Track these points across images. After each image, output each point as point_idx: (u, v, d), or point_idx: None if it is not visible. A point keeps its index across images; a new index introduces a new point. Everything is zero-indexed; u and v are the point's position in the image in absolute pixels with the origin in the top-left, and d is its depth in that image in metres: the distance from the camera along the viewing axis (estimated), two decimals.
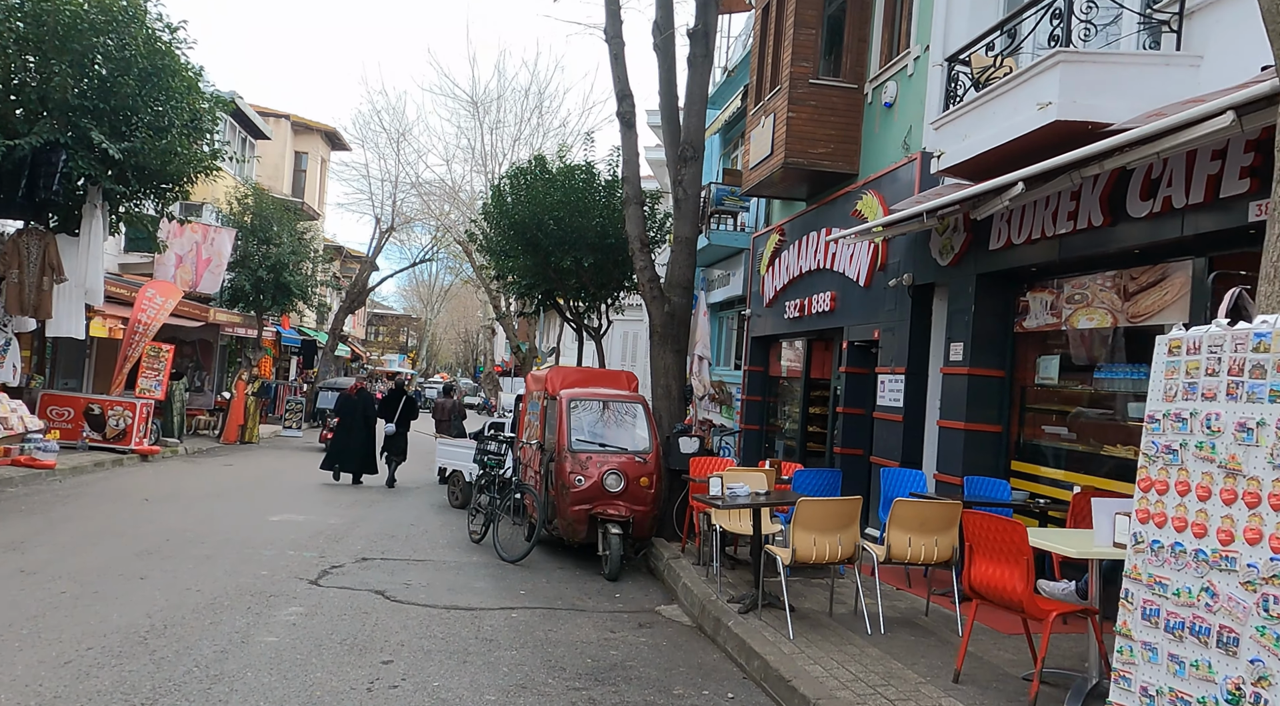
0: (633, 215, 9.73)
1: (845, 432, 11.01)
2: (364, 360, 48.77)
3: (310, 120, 30.98)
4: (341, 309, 30.58)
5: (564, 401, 9.09)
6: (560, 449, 8.82)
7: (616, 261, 14.17)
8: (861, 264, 10.62)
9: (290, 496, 12.96)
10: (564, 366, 10.45)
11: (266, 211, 21.60)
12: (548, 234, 13.90)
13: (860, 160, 11.44)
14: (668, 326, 9.59)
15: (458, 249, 31.62)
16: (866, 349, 10.89)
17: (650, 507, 8.69)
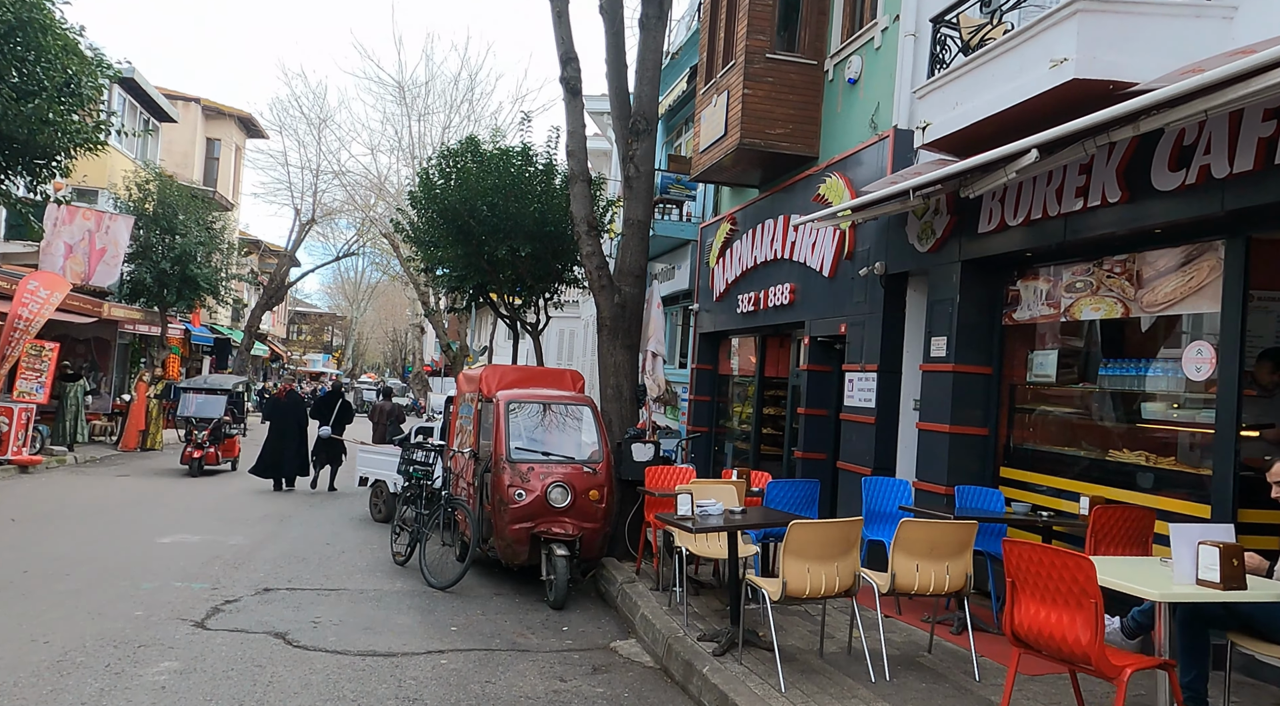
0: (579, 194, 8.61)
1: (807, 435, 10.10)
2: (284, 360, 46.30)
3: (223, 105, 28.85)
4: (258, 305, 28.59)
5: (501, 404, 7.92)
6: (497, 458, 7.65)
7: (556, 251, 13.01)
8: (826, 253, 9.73)
9: (189, 512, 11.41)
10: (501, 364, 9.27)
11: (171, 199, 19.68)
12: (481, 221, 12.65)
13: (820, 142, 10.57)
14: (618, 319, 8.50)
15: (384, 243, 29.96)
16: (830, 345, 10.00)
17: (601, 524, 7.59)
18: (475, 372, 9.22)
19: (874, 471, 8.49)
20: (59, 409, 17.34)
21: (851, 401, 9.02)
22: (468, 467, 8.56)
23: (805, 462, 10.07)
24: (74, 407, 17.25)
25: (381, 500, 11.60)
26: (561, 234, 12.78)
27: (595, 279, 8.51)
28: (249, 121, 29.82)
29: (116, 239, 18.02)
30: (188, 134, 27.97)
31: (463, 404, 9.41)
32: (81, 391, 17.18)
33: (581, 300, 23.76)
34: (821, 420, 10.09)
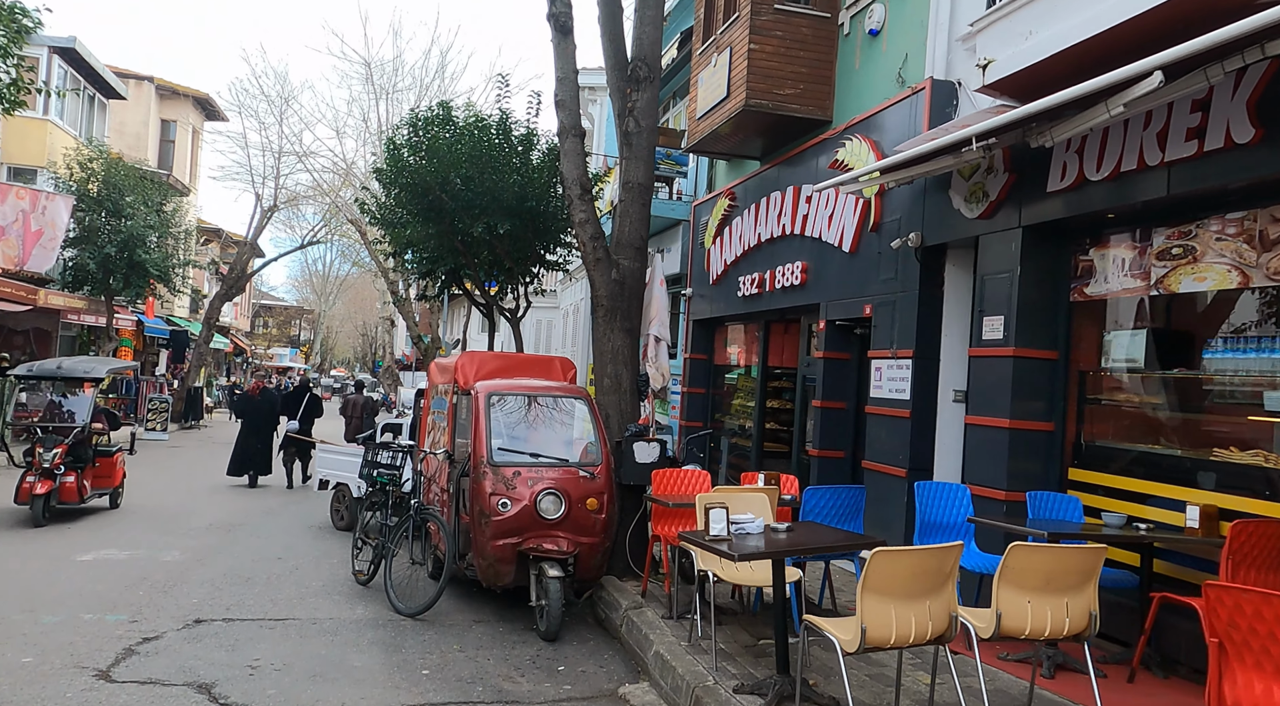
0: (570, 150, 7.32)
1: (823, 431, 8.93)
2: (248, 354, 44.38)
3: (179, 85, 27.05)
4: (218, 296, 26.86)
5: (481, 397, 6.64)
6: (477, 461, 6.38)
7: (537, 229, 11.72)
8: (846, 226, 8.56)
9: (122, 521, 9.98)
10: (479, 351, 7.98)
11: (116, 179, 18.04)
12: (454, 195, 11.32)
13: (834, 104, 9.40)
14: (616, 298, 7.25)
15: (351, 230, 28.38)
16: (850, 329, 8.85)
17: (600, 539, 6.36)
18: (449, 361, 7.93)
19: (909, 472, 7.35)
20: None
21: (880, 392, 7.87)
22: (441, 471, 7.28)
23: (821, 462, 8.91)
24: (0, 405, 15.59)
25: (344, 506, 10.26)
26: (544, 210, 11.49)
27: (590, 251, 7.24)
28: (207, 102, 28.04)
29: (54, 220, 16.39)
30: (140, 115, 26.16)
31: (435, 397, 8.12)
32: (10, 386, 15.52)
33: (560, 288, 22.46)
34: (839, 414, 8.94)
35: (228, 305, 33.60)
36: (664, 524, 6.39)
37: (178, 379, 26.59)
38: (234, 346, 38.40)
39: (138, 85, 25.85)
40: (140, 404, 23.02)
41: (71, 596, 6.58)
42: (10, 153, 18.10)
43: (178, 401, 25.07)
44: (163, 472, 14.97)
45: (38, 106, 18.44)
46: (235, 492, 12.89)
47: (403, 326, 52.23)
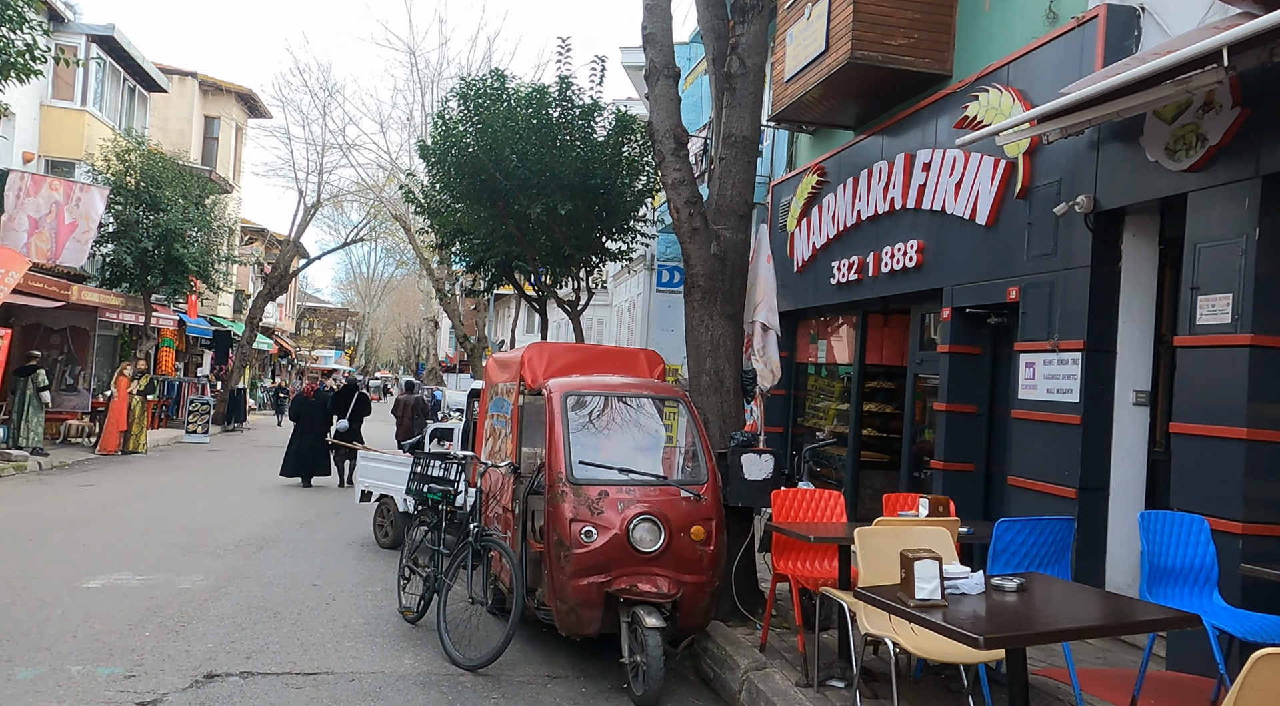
0: (663, 95, 5.98)
1: (949, 439, 7.46)
2: (293, 355, 43.88)
3: (222, 80, 26.33)
4: (261, 295, 26.08)
5: (556, 398, 5.31)
6: (554, 478, 5.06)
7: (603, 209, 10.40)
8: (980, 194, 7.09)
9: (144, 535, 8.86)
10: (550, 342, 6.63)
11: (154, 171, 17.15)
12: (509, 174, 10.05)
13: (955, 54, 7.94)
14: (716, 277, 5.89)
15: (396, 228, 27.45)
16: (984, 317, 7.37)
17: (708, 577, 4.99)
18: (512, 356, 6.63)
19: (1081, 493, 5.86)
20: (18, 408, 14.85)
21: (1033, 393, 6.38)
22: (504, 487, 5.97)
23: (946, 476, 7.43)
24: (32, 405, 14.73)
25: (388, 521, 9.03)
26: (610, 187, 10.18)
27: (685, 219, 5.88)
28: (250, 98, 27.29)
29: (88, 213, 15.50)
30: (183, 111, 25.48)
31: (494, 398, 6.82)
32: (37, 386, 14.68)
33: (613, 283, 21.14)
34: (968, 419, 7.46)
35: (272, 306, 32.94)
36: (791, 559, 5.01)
37: (221, 380, 25.85)
38: (278, 348, 37.81)
39: (181, 81, 25.15)
40: (181, 405, 22.25)
41: (63, 638, 5.39)
42: (48, 145, 17.34)
43: (220, 403, 24.30)
44: (197, 478, 13.96)
45: (75, 96, 17.67)
46: (271, 501, 11.78)
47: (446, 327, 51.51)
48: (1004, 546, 4.13)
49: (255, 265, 32.29)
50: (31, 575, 6.97)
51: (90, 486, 12.41)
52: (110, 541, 8.48)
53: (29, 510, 10.06)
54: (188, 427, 20.86)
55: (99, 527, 9.17)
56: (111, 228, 17.22)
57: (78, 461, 15.20)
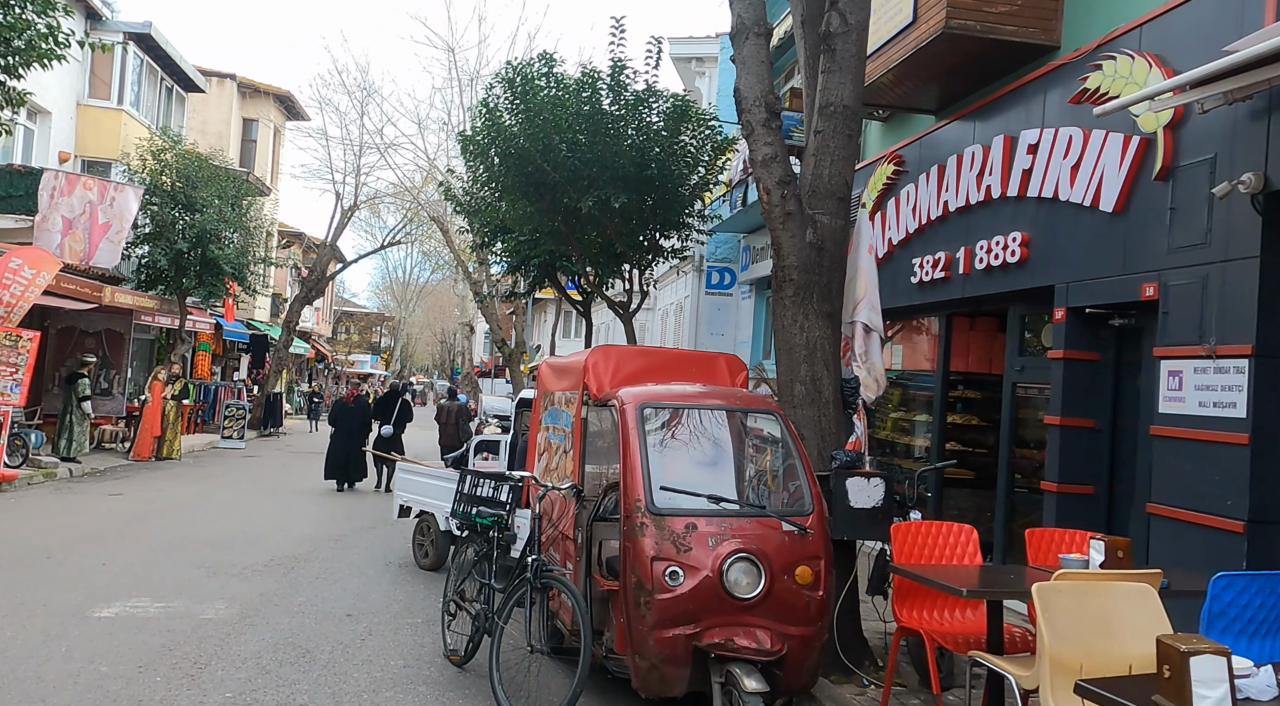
0: (752, 57, 5.14)
1: (1064, 458, 6.50)
2: (329, 360, 43.66)
3: (260, 82, 26.01)
4: (297, 298, 25.65)
5: (630, 410, 4.49)
6: (631, 507, 4.23)
7: (658, 203, 9.57)
8: (1105, 176, 6.15)
9: (170, 552, 8.19)
10: (616, 345, 5.78)
11: (190, 171, 16.68)
12: (558, 165, 9.27)
13: (1063, 23, 7.01)
14: (812, 269, 5.04)
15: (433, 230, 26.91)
16: (1105, 318, 6.41)
17: (816, 628, 4.13)
18: (570, 361, 5.82)
19: (1249, 526, 4.90)
20: (62, 414, 14.42)
21: (1180, 407, 5.43)
22: (564, 512, 5.15)
23: (1060, 499, 6.48)
24: (75, 413, 14.28)
25: (429, 540, 8.27)
26: (666, 177, 9.35)
27: (775, 202, 5.04)
28: (288, 100, 26.95)
29: (122, 213, 15.04)
30: (222, 114, 25.18)
31: (549, 409, 6.01)
32: (75, 396, 14.23)
33: (654, 287, 20.29)
34: (1086, 435, 6.50)
35: (309, 310, 32.63)
36: (918, 607, 4.12)
37: (257, 384, 25.46)
38: (315, 352, 37.53)
39: (220, 83, 24.86)
40: (217, 410, 21.84)
41: (62, 684, 4.67)
42: (84, 145, 16.98)
43: (256, 408, 23.88)
44: (229, 487, 13.37)
45: (112, 95, 17.29)
46: (305, 512, 11.11)
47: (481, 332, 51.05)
48: (1223, 608, 3.21)
49: (292, 269, 32.02)
50: (42, 601, 6.30)
51: (119, 496, 11.84)
52: (132, 560, 7.82)
53: (54, 524, 9.46)
54: (223, 433, 20.42)
55: (122, 544, 8.52)
56: (148, 229, 16.78)
57: (110, 468, 14.71)
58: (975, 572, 4.03)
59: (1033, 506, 7.20)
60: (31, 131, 15.90)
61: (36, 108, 15.81)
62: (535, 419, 6.47)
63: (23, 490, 11.86)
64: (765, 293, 14.52)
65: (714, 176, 10.26)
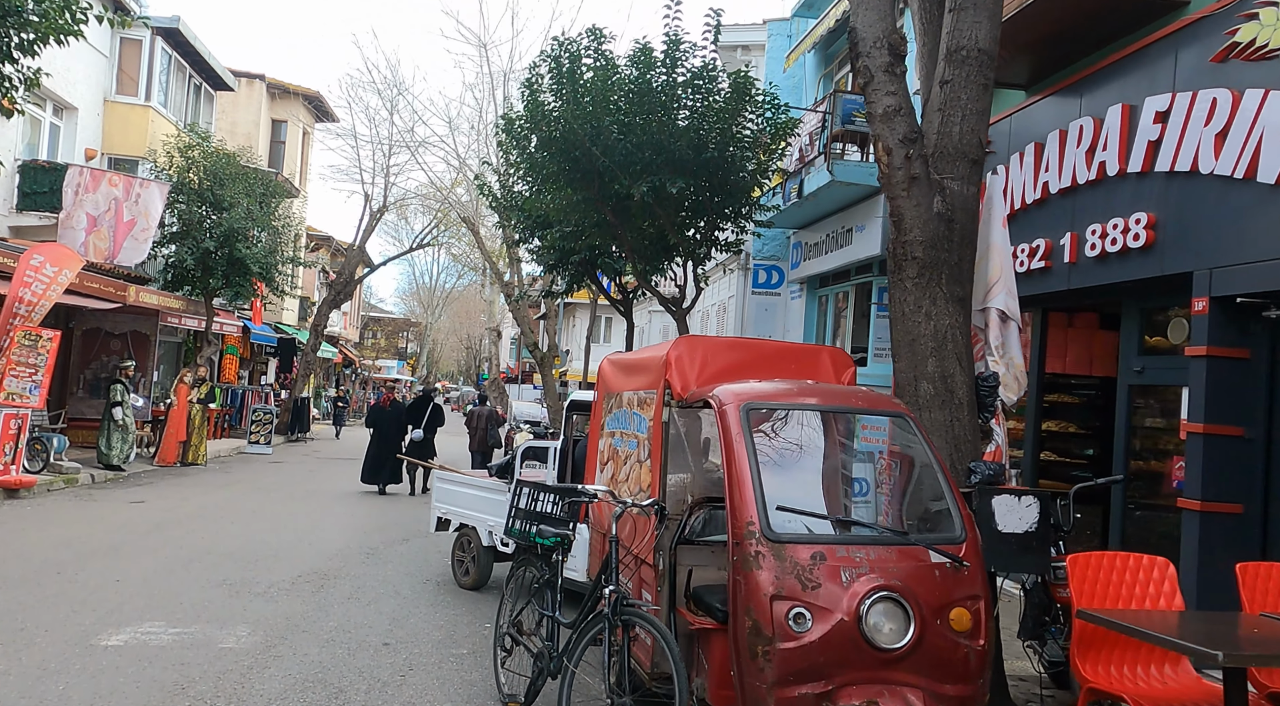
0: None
1: (1207, 472, 5.60)
2: (357, 365, 43.26)
3: (289, 83, 25.57)
4: (325, 302, 25.15)
5: (734, 413, 3.66)
6: (742, 533, 3.41)
7: (717, 188, 8.77)
8: (1263, 142, 5.26)
9: (191, 567, 7.48)
10: (700, 337, 4.95)
11: (217, 169, 16.14)
12: (608, 148, 8.50)
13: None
14: (940, 245, 4.22)
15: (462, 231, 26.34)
16: (1258, 309, 5.51)
17: (977, 687, 3.28)
18: (643, 356, 5.02)
19: None
20: (105, 420, 13.89)
21: None
22: (640, 532, 4.34)
23: (1203, 520, 5.57)
24: (120, 419, 13.77)
25: (469, 557, 7.49)
26: (726, 162, 8.54)
27: (898, 164, 4.23)
28: (317, 100, 26.50)
29: (148, 209, 14.49)
30: (251, 115, 24.76)
31: (614, 412, 5.21)
32: (120, 394, 13.74)
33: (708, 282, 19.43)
34: (1235, 445, 5.59)
35: (337, 314, 32.16)
36: (1112, 665, 3.25)
37: (285, 389, 24.95)
38: (342, 357, 37.10)
39: (249, 84, 24.45)
40: (244, 414, 21.29)
41: None
42: (111, 142, 16.50)
43: (284, 412, 23.35)
44: (255, 494, 12.70)
45: (139, 91, 16.80)
46: (334, 522, 10.39)
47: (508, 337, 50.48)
48: None
49: (320, 273, 31.59)
50: (45, 626, 5.59)
51: (140, 504, 11.20)
52: (148, 576, 7.11)
53: (69, 534, 8.81)
54: (250, 438, 19.85)
55: (139, 558, 7.82)
56: (175, 228, 16.24)
57: (134, 474, 14.12)
58: (1205, 624, 3.17)
59: (1155, 527, 6.30)
60: (58, 128, 15.42)
61: (63, 103, 15.34)
62: (596, 424, 5.67)
63: (41, 497, 11.25)
64: (817, 292, 13.67)
65: (772, 162, 9.42)
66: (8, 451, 10.99)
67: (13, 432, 11.11)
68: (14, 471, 11.06)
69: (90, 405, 16.59)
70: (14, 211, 13.94)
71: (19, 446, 11.20)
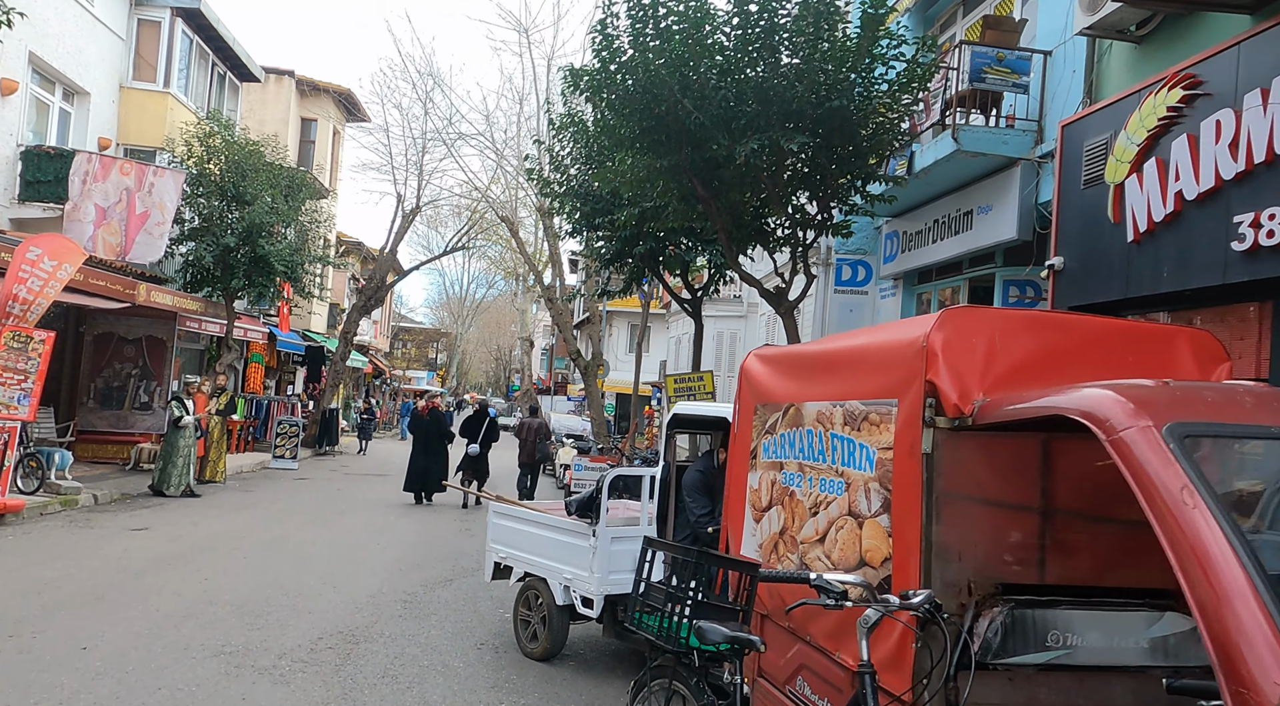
0: None
1: None
2: (387, 375, 41.82)
3: (320, 80, 24.19)
4: (355, 308, 23.64)
5: (1159, 445, 1.82)
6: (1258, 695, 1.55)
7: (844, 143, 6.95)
8: None
9: (178, 632, 5.76)
10: (974, 308, 3.15)
11: (239, 159, 14.61)
12: (703, 101, 6.73)
13: None
14: None
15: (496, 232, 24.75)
16: None
17: None
18: (843, 346, 3.22)
19: None
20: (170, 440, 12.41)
21: None
22: (881, 643, 2.50)
23: None
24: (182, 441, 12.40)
25: (538, 617, 5.69)
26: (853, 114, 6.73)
27: None
28: (348, 98, 25.08)
29: (162, 201, 12.96)
30: (279, 112, 23.37)
31: (780, 435, 3.41)
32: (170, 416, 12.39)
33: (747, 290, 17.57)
34: None
35: (367, 323, 30.69)
36: None
37: (313, 400, 23.41)
38: (373, 367, 35.63)
39: (277, 80, 23.08)
40: (269, 427, 19.73)
41: None
42: (127, 131, 15.05)
43: (311, 425, 21.79)
44: (275, 519, 11.03)
45: (158, 78, 15.35)
46: (365, 554, 8.66)
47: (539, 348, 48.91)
48: None
49: (350, 279, 30.15)
50: None
51: (142, 532, 9.55)
52: (126, 643, 5.39)
53: (47, 574, 7.14)
54: (275, 451, 18.27)
55: (122, 611, 6.13)
56: (195, 223, 14.71)
57: (142, 494, 12.52)
58: None
59: None
60: (68, 114, 13.97)
61: (74, 87, 13.91)
62: (740, 450, 3.87)
63: (30, 523, 9.64)
64: (915, 289, 11.77)
65: (904, 115, 7.58)
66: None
67: (0, 449, 9.54)
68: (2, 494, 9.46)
69: (101, 416, 15.08)
70: (16, 202, 12.46)
71: (4, 464, 9.60)
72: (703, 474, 5.45)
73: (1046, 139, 8.57)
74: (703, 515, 5.29)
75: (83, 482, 12.00)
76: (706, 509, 5.31)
